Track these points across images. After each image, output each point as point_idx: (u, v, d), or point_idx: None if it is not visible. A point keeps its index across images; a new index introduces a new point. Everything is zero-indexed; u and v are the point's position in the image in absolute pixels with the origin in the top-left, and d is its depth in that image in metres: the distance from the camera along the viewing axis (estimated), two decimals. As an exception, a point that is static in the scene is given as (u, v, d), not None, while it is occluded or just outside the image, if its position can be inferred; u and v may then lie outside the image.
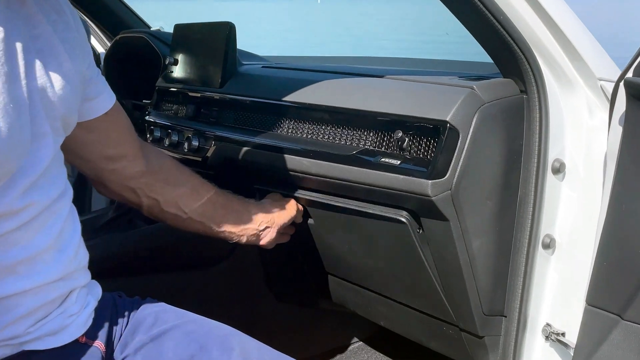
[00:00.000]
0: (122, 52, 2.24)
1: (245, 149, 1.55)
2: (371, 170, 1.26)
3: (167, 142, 1.79)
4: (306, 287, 1.88)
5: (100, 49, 2.63)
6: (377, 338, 2.11)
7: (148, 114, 1.93)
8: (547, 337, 1.31)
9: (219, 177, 1.76)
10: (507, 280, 1.31)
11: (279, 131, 1.50)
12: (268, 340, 1.14)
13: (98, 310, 1.06)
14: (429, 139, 1.21)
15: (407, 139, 1.24)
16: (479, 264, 1.26)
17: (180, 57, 1.85)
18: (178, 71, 1.85)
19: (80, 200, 2.21)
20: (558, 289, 1.30)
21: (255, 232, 1.36)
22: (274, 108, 1.53)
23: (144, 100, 2.06)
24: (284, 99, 1.50)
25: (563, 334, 1.29)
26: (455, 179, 1.18)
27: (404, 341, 1.67)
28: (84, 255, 1.04)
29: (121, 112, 1.18)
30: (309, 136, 1.43)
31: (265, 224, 1.37)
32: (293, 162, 1.42)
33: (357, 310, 1.82)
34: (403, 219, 1.27)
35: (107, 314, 1.07)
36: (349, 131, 1.35)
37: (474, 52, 1.44)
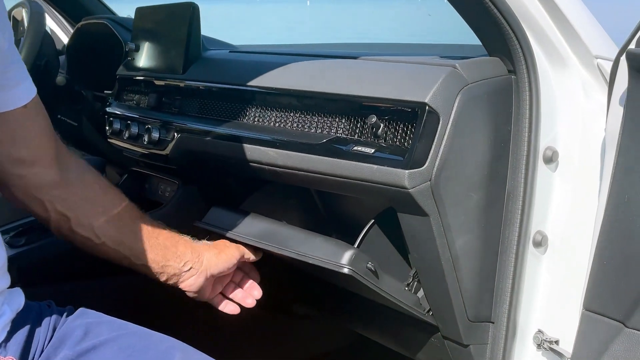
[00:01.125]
0: (83, 40, 2.09)
1: (207, 139, 1.41)
2: (343, 160, 1.13)
3: (126, 134, 1.65)
4: (277, 289, 1.74)
5: (65, 40, 2.48)
6: (356, 346, 1.97)
7: (109, 105, 1.80)
8: (539, 345, 1.18)
9: (181, 171, 1.63)
10: (494, 282, 1.17)
11: (244, 120, 1.36)
12: (235, 350, 1.00)
13: (16, 321, 0.91)
14: (406, 124, 1.08)
15: (382, 125, 1.10)
16: (462, 264, 1.13)
17: (141, 43, 1.71)
18: (139, 58, 1.71)
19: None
20: (551, 292, 1.17)
21: (177, 271, 1.16)
22: (239, 94, 1.40)
23: (105, 91, 1.92)
24: (249, 84, 1.36)
25: (557, 342, 1.16)
26: (435, 169, 1.05)
27: (384, 349, 1.53)
28: None
29: (41, 111, 1.03)
30: (277, 124, 1.30)
31: (191, 264, 1.17)
32: (258, 153, 1.28)
33: (331, 315, 1.69)
34: (345, 270, 1.14)
35: (27, 325, 0.93)
36: (319, 118, 1.22)
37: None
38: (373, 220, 1.22)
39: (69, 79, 1.84)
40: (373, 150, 1.10)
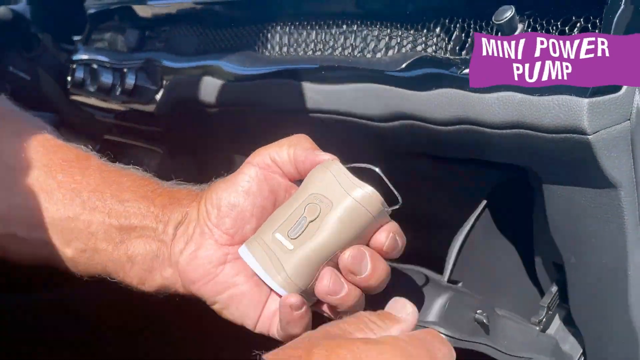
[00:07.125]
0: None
1: (212, 81, 0.93)
2: (450, 90, 0.64)
3: (93, 86, 1.17)
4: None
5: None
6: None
7: (75, 52, 1.32)
8: None
9: (171, 136, 1.15)
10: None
11: (264, 50, 0.88)
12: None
13: None
14: (575, 18, 0.59)
15: (520, 25, 0.61)
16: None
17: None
18: (116, -19, 1.24)
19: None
20: None
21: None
22: (255, 11, 0.91)
23: (74, 37, 1.44)
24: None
25: None
26: (638, 97, 0.56)
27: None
28: None
29: None
30: (318, 52, 0.81)
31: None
32: (290, 94, 0.80)
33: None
34: None
35: None
36: (386, 31, 0.73)
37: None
38: (484, 204, 0.73)
39: (19, 15, 1.35)
40: (506, 71, 0.61)
